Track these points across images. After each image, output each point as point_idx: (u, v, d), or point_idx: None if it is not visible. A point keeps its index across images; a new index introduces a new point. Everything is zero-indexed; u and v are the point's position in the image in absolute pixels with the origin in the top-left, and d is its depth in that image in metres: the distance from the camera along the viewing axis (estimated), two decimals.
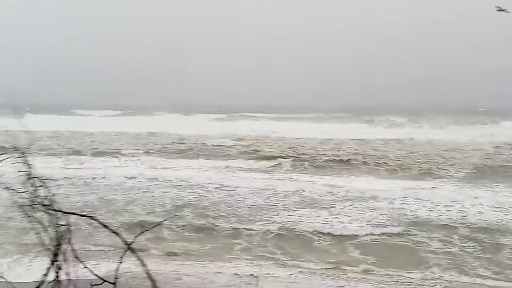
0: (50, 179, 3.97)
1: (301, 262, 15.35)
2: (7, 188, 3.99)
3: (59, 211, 3.72)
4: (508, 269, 14.70)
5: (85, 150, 40.89)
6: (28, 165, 3.82)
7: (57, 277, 3.78)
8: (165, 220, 18.21)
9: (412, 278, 13.99)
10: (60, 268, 3.78)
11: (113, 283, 3.26)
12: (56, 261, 3.58)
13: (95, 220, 3.11)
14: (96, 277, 3.19)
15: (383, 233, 17.86)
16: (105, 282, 3.25)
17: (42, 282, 3.88)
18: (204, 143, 45.24)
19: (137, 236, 3.94)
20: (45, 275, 3.85)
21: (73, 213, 3.37)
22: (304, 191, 24.65)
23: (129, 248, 3.11)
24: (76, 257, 3.60)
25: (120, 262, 3.26)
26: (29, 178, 3.80)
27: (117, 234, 3.22)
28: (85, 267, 3.32)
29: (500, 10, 10.22)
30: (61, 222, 3.81)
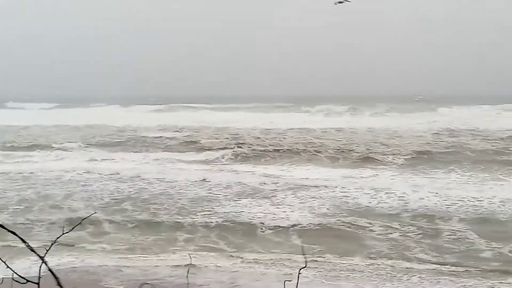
0: None
1: (244, 252, 15.41)
2: None
3: None
4: (447, 253, 15.07)
5: (21, 144, 40.06)
6: None
7: None
8: (92, 214, 17.85)
9: (357, 264, 14.20)
10: None
11: (37, 283, 3.19)
12: None
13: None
14: (19, 277, 3.11)
15: (325, 221, 18.05)
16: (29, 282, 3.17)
17: None
18: (143, 135, 44.88)
19: (65, 233, 3.86)
20: None
21: None
22: (245, 181, 24.71)
23: (28, 246, 3.03)
24: None
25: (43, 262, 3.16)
26: None
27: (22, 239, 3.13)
28: (8, 267, 3.24)
29: (340, 2, 9.80)
30: None
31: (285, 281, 4.96)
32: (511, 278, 13.03)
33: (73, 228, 4.30)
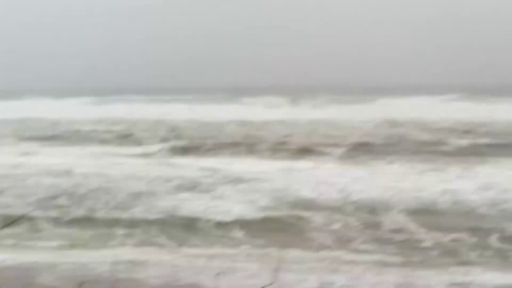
0: None
1: (185, 247, 15.41)
2: None
3: None
4: (388, 243, 15.40)
5: None
6: None
7: None
8: (27, 212, 17.63)
9: (299, 257, 14.35)
10: None
11: None
12: None
13: None
14: None
15: (267, 215, 18.16)
16: None
17: None
18: (78, 128, 44.24)
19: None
20: None
21: None
22: (184, 174, 24.65)
23: None
24: None
25: None
26: None
27: None
28: None
29: None
30: None
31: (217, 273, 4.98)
32: (452, 268, 13.38)
33: (7, 225, 4.27)
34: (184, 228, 17.11)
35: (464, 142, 34.03)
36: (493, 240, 15.46)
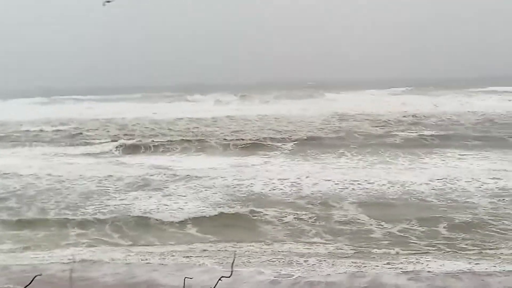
0: None
1: (139, 245, 15.34)
2: None
3: None
4: (340, 235, 15.58)
5: None
6: None
7: None
8: None
9: (255, 251, 14.40)
10: None
11: None
12: None
13: None
14: None
15: (220, 211, 18.13)
16: None
17: None
18: (26, 129, 43.45)
19: None
20: None
21: None
22: (135, 173, 24.48)
23: None
24: None
25: None
26: None
27: None
28: None
29: (107, 2, 9.65)
30: None
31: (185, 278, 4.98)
32: (402, 258, 13.60)
33: None
34: (137, 226, 17.00)
35: (412, 134, 34.59)
36: (441, 229, 15.80)
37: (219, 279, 5.46)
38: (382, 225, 16.23)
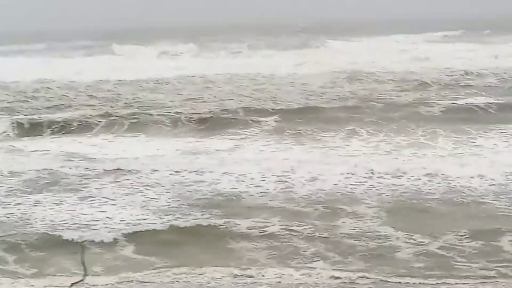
0: None
1: (43, 276, 15.17)
2: None
3: None
4: (350, 254, 15.63)
5: None
6: None
7: None
8: None
9: (223, 283, 14.30)
10: None
11: None
12: None
13: None
14: None
15: (166, 222, 17.93)
16: None
17: None
18: None
19: None
20: None
21: None
22: (37, 165, 24.21)
23: None
24: None
25: None
26: None
27: None
28: None
29: None
30: None
31: None
32: None
33: None
34: (42, 248, 16.78)
35: (459, 102, 34.64)
36: (506, 244, 15.87)
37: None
38: (414, 240, 16.25)
